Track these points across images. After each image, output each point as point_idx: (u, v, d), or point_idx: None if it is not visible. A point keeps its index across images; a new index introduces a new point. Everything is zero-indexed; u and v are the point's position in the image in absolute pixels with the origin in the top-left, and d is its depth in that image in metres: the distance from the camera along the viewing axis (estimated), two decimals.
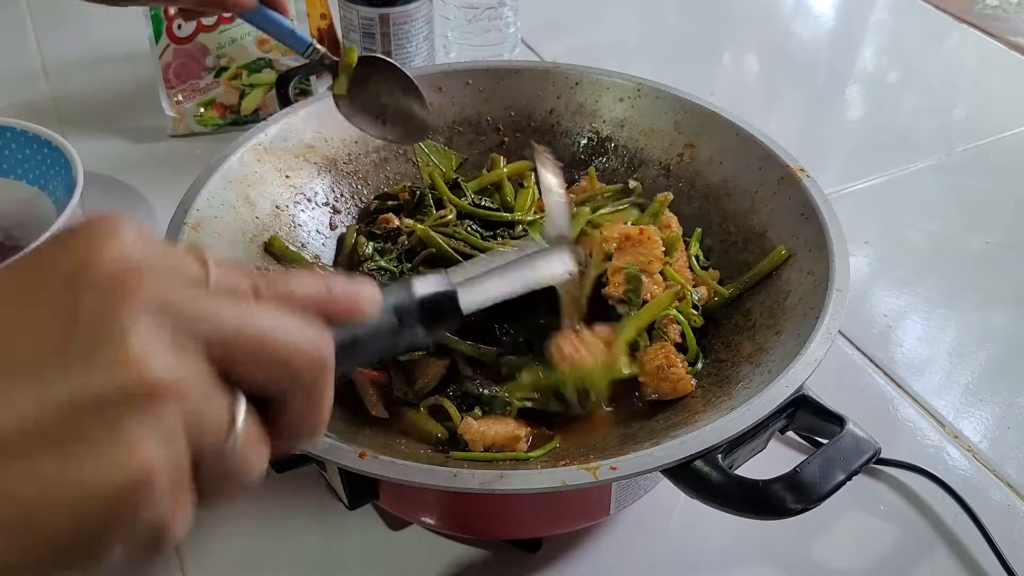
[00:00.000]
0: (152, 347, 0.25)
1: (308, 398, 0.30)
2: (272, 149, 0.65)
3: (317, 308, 0.31)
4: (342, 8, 0.89)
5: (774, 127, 0.66)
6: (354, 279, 0.33)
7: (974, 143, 0.95)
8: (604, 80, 0.72)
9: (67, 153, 0.74)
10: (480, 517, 0.53)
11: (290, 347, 0.28)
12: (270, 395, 0.29)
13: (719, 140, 0.67)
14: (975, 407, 0.66)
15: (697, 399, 0.54)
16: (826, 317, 0.51)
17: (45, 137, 0.76)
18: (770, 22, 1.19)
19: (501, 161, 0.71)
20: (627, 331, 0.56)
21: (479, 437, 0.51)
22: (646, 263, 0.58)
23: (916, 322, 0.74)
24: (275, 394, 0.29)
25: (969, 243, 0.82)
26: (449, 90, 0.72)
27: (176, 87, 0.90)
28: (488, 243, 0.62)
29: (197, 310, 0.27)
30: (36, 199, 0.77)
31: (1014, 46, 1.11)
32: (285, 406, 0.30)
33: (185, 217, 0.57)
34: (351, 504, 0.50)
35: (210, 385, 0.27)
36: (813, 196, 0.59)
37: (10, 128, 0.77)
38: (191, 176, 0.60)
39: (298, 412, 0.30)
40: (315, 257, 0.65)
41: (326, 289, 0.32)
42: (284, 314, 0.29)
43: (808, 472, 0.42)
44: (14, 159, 0.78)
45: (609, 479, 0.42)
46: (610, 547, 0.56)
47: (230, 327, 0.27)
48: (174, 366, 0.25)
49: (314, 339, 0.29)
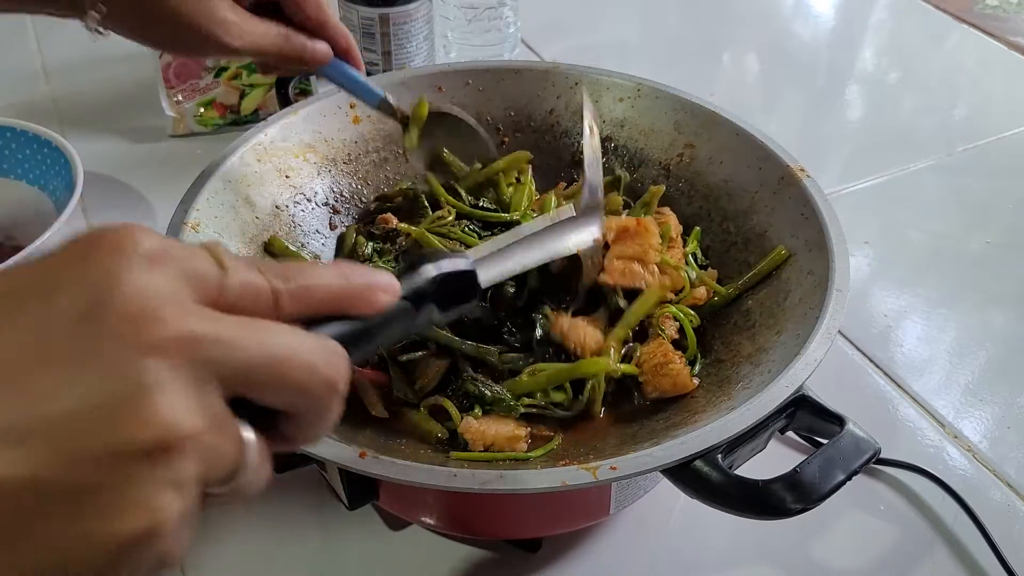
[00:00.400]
0: (173, 400, 0.25)
1: (318, 414, 0.30)
2: (272, 149, 0.65)
3: (335, 302, 0.31)
4: (342, 8, 0.89)
5: (774, 127, 0.66)
6: (370, 269, 0.34)
7: (974, 143, 0.95)
8: (604, 80, 0.72)
9: (67, 153, 0.74)
10: (480, 517, 0.53)
11: (306, 372, 0.28)
12: (280, 409, 0.29)
13: (719, 140, 0.67)
14: (975, 407, 0.66)
15: (697, 399, 0.54)
16: (826, 317, 0.51)
17: (45, 137, 0.76)
18: (770, 22, 1.19)
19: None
20: (619, 327, 0.57)
21: (479, 437, 0.51)
22: (642, 253, 0.58)
23: (916, 322, 0.74)
24: (286, 410, 0.29)
25: (969, 243, 0.82)
26: (449, 90, 0.72)
27: (176, 87, 0.90)
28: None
29: (217, 347, 0.26)
30: (36, 199, 0.77)
31: (1014, 46, 1.11)
32: (293, 419, 0.30)
33: (185, 217, 0.57)
34: (351, 504, 0.50)
35: (225, 421, 0.27)
36: (813, 196, 0.59)
37: (10, 128, 0.77)
38: (191, 176, 0.60)
39: (305, 425, 0.30)
40: (315, 257, 0.65)
41: (345, 281, 0.32)
42: (302, 337, 0.29)
43: (808, 472, 0.42)
44: (14, 159, 0.78)
45: (609, 479, 0.42)
46: (610, 547, 0.56)
47: (248, 358, 0.27)
48: (194, 416, 0.25)
49: (331, 361, 0.29)
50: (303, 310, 0.31)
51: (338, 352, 0.30)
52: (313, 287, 0.31)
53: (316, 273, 0.31)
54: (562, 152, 0.73)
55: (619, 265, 0.58)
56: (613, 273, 0.58)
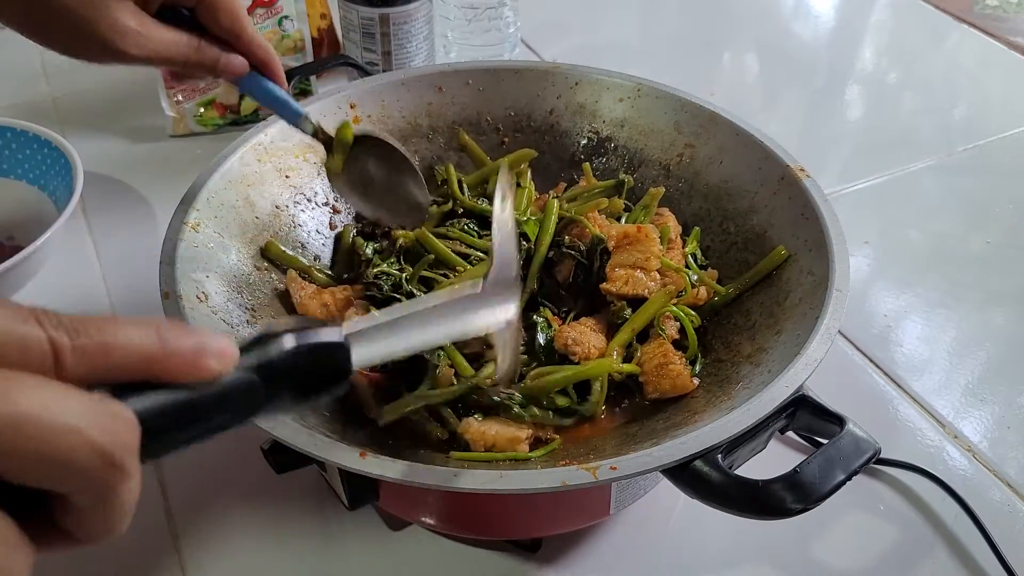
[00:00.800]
0: None
1: (96, 498, 0.24)
2: (272, 149, 0.65)
3: (144, 365, 0.26)
4: (342, 8, 0.89)
5: (774, 127, 0.66)
6: (204, 331, 0.28)
7: (974, 143, 0.95)
8: (604, 80, 0.72)
9: (67, 153, 0.74)
10: (480, 517, 0.53)
11: (68, 438, 0.23)
12: (50, 490, 0.24)
13: (719, 140, 0.67)
14: (975, 407, 0.66)
15: (697, 399, 0.54)
16: (826, 317, 0.51)
17: (45, 137, 0.76)
18: (770, 22, 1.19)
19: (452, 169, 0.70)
20: (622, 332, 0.57)
21: (480, 437, 0.51)
22: (643, 260, 0.58)
23: (916, 322, 0.74)
24: (52, 491, 0.24)
25: (969, 243, 0.82)
26: (449, 90, 0.72)
27: (176, 87, 0.89)
28: (485, 240, 0.63)
29: None
30: (36, 199, 0.77)
31: (1014, 46, 1.11)
32: (67, 506, 0.24)
33: (185, 217, 0.57)
34: (351, 504, 0.50)
35: None
36: (813, 196, 0.59)
37: (10, 128, 0.77)
38: (191, 176, 0.60)
39: (84, 514, 0.24)
40: (315, 258, 0.65)
41: (158, 341, 0.26)
42: (69, 396, 0.23)
43: (808, 472, 0.42)
44: (14, 159, 0.78)
45: (609, 479, 0.42)
46: (610, 547, 0.56)
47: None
48: None
49: (108, 427, 0.24)
50: (99, 372, 0.25)
51: (122, 417, 0.24)
52: (113, 344, 0.25)
53: (121, 329, 0.26)
54: (562, 152, 0.73)
55: (621, 274, 0.58)
56: (616, 282, 0.58)
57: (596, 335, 0.57)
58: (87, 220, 0.81)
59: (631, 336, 0.57)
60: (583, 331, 0.56)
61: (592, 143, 0.73)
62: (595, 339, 0.56)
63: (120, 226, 0.81)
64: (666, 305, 0.57)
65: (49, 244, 0.68)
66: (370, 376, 0.55)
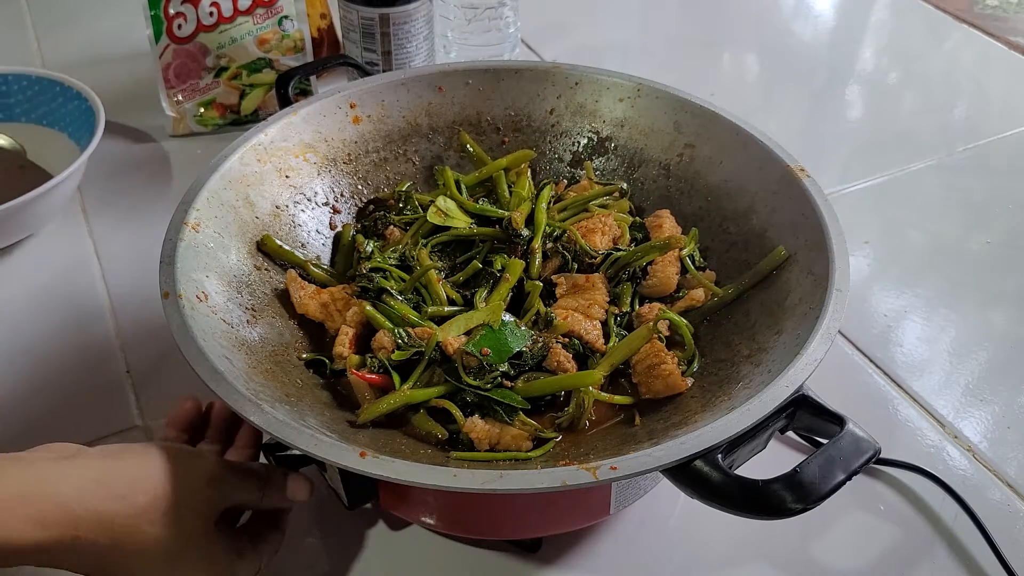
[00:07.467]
0: None
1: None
2: (272, 149, 0.65)
3: None
4: (342, 8, 0.89)
5: (774, 127, 0.66)
6: None
7: (974, 143, 0.95)
8: (604, 80, 0.72)
9: (91, 102, 0.83)
10: (480, 517, 0.53)
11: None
12: None
13: (719, 140, 0.67)
14: (975, 407, 0.66)
15: (697, 399, 0.54)
16: (826, 317, 0.51)
17: (68, 84, 0.84)
18: (770, 22, 1.19)
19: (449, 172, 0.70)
20: (604, 362, 0.56)
21: (484, 436, 0.51)
22: (586, 307, 0.59)
23: (916, 322, 0.74)
24: None
25: (969, 243, 0.82)
26: (449, 90, 0.72)
27: (176, 87, 0.90)
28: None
29: None
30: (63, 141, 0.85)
31: (1014, 46, 1.11)
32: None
33: (185, 217, 0.57)
34: (351, 504, 0.50)
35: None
36: (813, 196, 0.59)
37: (46, 78, 0.85)
38: (191, 176, 0.60)
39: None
40: (316, 257, 0.65)
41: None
42: None
43: (808, 472, 0.42)
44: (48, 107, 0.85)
45: (609, 479, 0.42)
46: (610, 547, 0.56)
47: None
48: None
49: None
50: None
51: None
52: None
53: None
54: (562, 152, 0.73)
55: (563, 313, 0.58)
56: (561, 314, 0.58)
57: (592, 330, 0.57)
58: (87, 220, 0.81)
59: (610, 370, 0.57)
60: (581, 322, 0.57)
61: (592, 143, 0.73)
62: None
63: (120, 226, 0.81)
64: (648, 340, 0.57)
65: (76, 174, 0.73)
66: (368, 378, 0.55)
